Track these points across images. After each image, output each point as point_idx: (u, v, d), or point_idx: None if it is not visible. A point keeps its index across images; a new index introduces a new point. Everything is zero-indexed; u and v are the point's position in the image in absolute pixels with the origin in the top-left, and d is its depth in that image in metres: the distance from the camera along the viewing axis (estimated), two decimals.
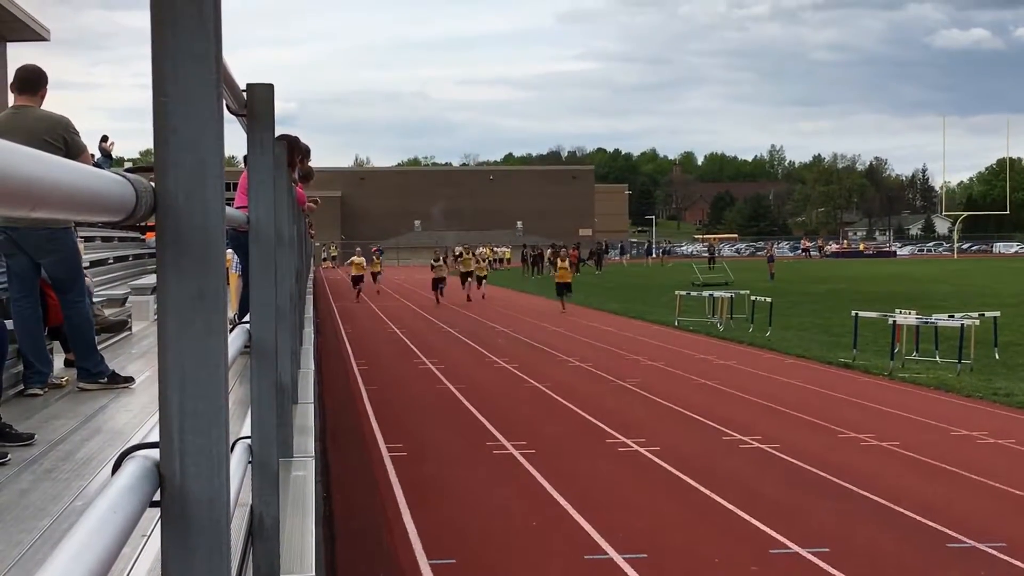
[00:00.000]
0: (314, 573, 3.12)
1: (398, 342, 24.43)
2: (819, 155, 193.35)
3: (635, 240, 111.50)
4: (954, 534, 8.17)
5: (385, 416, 14.05)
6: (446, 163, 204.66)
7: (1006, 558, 7.58)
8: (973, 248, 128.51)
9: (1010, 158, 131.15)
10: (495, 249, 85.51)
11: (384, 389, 16.65)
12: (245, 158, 3.51)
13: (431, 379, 17.58)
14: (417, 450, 11.76)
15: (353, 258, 42.52)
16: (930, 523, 8.49)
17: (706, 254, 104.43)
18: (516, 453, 11.44)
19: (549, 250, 72.88)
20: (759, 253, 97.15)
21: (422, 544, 8.05)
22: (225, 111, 3.15)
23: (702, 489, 9.72)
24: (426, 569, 7.45)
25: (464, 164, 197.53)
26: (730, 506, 9.08)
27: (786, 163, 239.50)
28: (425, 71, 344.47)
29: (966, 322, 18.00)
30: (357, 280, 41.57)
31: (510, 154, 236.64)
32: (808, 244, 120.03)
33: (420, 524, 8.63)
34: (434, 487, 10.02)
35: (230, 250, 9.22)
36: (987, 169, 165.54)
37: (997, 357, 18.83)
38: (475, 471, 10.68)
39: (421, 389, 16.43)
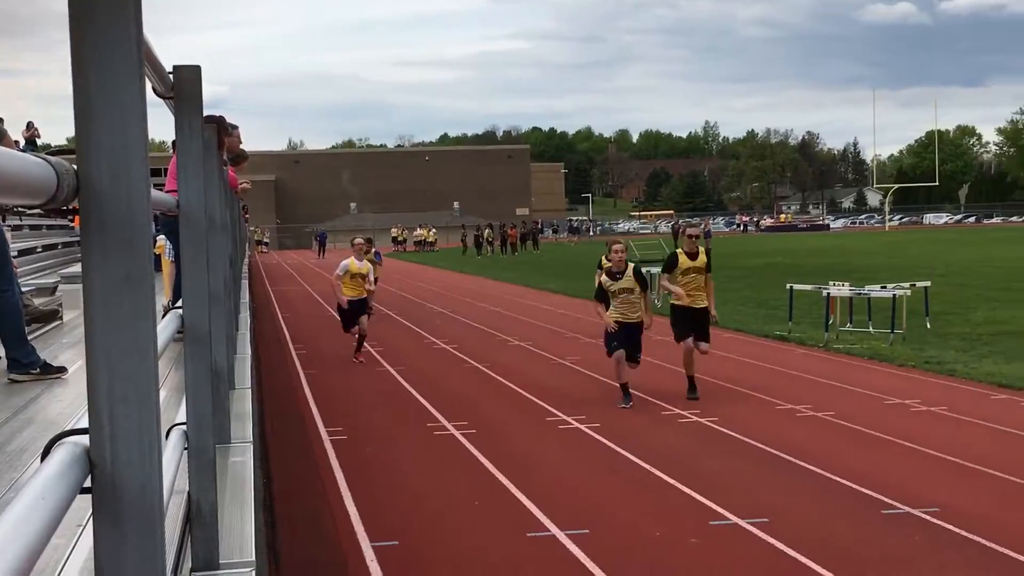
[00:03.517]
0: (254, 559, 3.11)
1: (336, 326, 24.29)
2: (752, 131, 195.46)
3: (580, 219, 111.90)
4: (889, 500, 8.32)
5: (325, 400, 13.99)
6: (381, 145, 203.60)
7: (939, 522, 7.73)
8: (904, 220, 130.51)
9: (938, 130, 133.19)
10: (431, 230, 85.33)
11: (323, 373, 16.57)
12: (174, 142, 3.47)
13: (370, 362, 17.52)
14: (357, 433, 11.73)
15: (351, 263, 17.35)
16: (865, 490, 8.63)
17: (646, 231, 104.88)
18: (457, 434, 11.45)
19: (487, 230, 73.01)
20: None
21: (364, 527, 8.04)
22: (151, 94, 3.11)
23: (642, 464, 9.80)
24: (368, 552, 7.44)
25: (399, 145, 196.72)
26: (670, 480, 9.17)
27: (720, 139, 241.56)
28: (358, 53, 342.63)
29: (898, 293, 18.30)
30: (352, 317, 17.44)
31: (445, 135, 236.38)
32: (746, 219, 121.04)
33: (362, 507, 8.61)
34: (375, 470, 10.00)
35: (162, 236, 9.10)
36: (916, 142, 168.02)
37: (928, 327, 19.16)
38: (416, 452, 10.68)
39: (361, 372, 16.38)
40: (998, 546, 7.14)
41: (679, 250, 13.61)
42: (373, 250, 19.70)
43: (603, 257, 20.11)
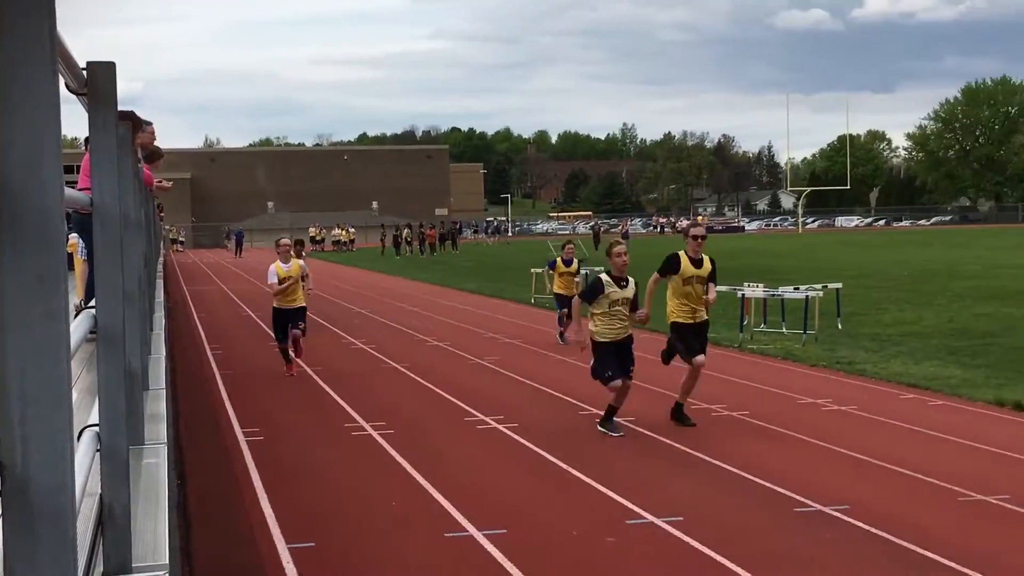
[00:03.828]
0: (167, 561, 3.07)
1: (252, 326, 24.07)
2: (670, 133, 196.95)
3: (499, 219, 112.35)
4: (800, 498, 8.46)
5: (241, 401, 13.85)
6: (299, 143, 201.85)
7: (849, 520, 7.89)
8: (817, 222, 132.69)
9: (850, 135, 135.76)
10: (349, 230, 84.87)
11: (239, 374, 16.40)
12: (86, 140, 3.42)
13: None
14: (274, 434, 11.63)
15: (278, 267, 15.70)
16: (778, 488, 8.77)
17: (564, 232, 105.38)
18: (375, 434, 11.41)
19: (406, 230, 72.83)
20: (614, 230, 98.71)
21: (280, 528, 7.98)
22: (65, 90, 3.06)
23: (560, 464, 9.85)
24: (284, 553, 7.39)
25: (318, 144, 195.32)
26: (587, 479, 9.23)
27: (638, 141, 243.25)
28: (276, 50, 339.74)
29: (810, 294, 18.63)
30: (285, 319, 15.71)
31: (364, 134, 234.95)
32: (663, 220, 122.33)
33: (278, 508, 8.54)
34: (292, 471, 9.93)
35: (75, 235, 8.94)
36: (829, 145, 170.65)
37: (840, 327, 19.53)
38: (333, 453, 10.62)
39: (277, 373, 16.22)
40: (907, 543, 7.30)
41: (682, 252, 11.59)
42: (304, 254, 16.90)
43: (559, 258, 19.85)
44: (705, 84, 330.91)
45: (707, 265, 11.55)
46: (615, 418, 11.16)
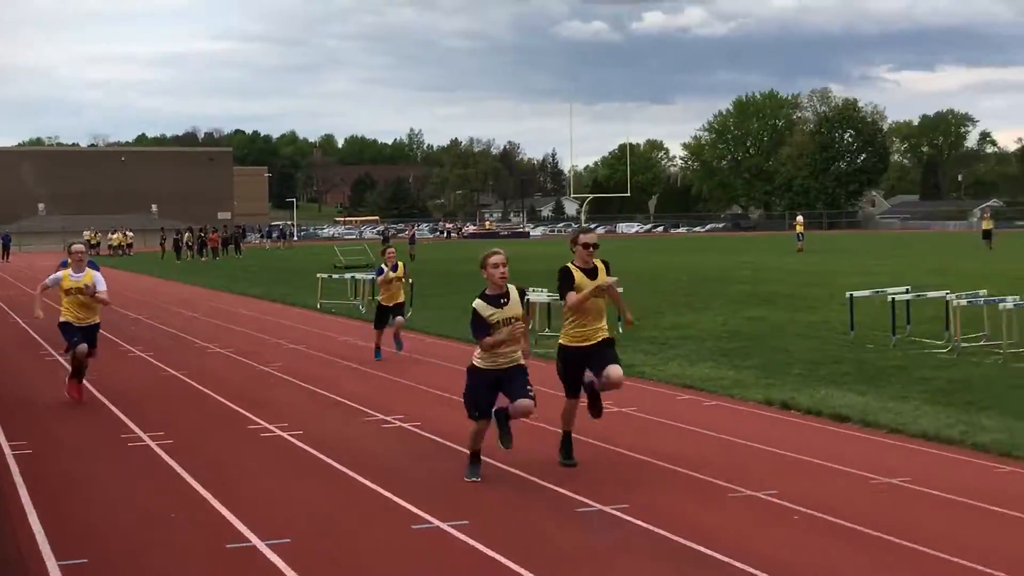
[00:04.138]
0: None
1: (21, 334, 22.96)
2: (456, 139, 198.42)
3: (285, 223, 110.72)
4: (582, 499, 8.64)
5: (6, 412, 13.17)
6: (73, 144, 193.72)
7: (629, 518, 8.10)
8: (600, 228, 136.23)
9: (630, 144, 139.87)
10: (127, 233, 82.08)
11: (6, 384, 15.60)
12: None
13: (58, 371, 16.61)
14: (44, 446, 11.11)
15: (65, 276, 13.55)
16: (561, 490, 8.93)
17: (351, 236, 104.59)
18: (153, 444, 11.05)
19: (187, 234, 70.89)
20: (401, 235, 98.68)
21: (50, 545, 7.61)
22: None
23: (345, 471, 9.77)
24: (55, 571, 7.06)
25: (92, 145, 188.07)
26: (373, 486, 9.18)
27: (425, 146, 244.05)
28: (49, 47, 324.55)
29: None
30: (72, 334, 13.67)
31: (143, 135, 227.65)
32: (450, 225, 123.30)
33: (48, 524, 8.16)
34: (63, 485, 9.50)
35: None
36: (610, 154, 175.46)
37: (620, 331, 20.04)
38: (108, 465, 10.23)
39: (47, 383, 15.52)
40: (685, 540, 7.54)
41: (571, 264, 10.00)
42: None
43: (384, 266, 17.22)
44: (490, 91, 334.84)
45: (602, 274, 9.90)
46: (478, 461, 9.54)
